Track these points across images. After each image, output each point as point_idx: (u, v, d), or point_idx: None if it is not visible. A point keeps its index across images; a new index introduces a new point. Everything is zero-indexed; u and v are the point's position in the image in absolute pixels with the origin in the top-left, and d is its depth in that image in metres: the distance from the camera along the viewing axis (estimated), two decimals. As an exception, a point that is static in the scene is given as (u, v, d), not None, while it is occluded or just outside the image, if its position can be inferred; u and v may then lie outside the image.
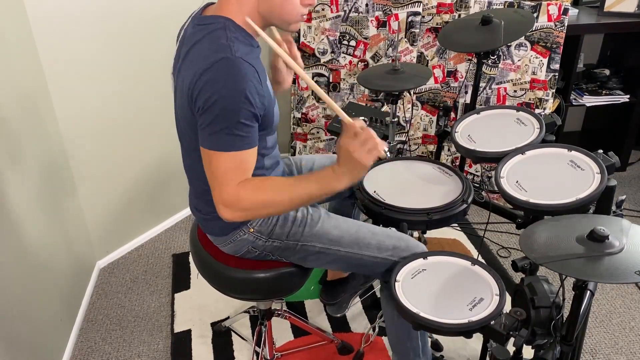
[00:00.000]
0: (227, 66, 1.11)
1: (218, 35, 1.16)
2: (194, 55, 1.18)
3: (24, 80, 1.76)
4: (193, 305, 2.10)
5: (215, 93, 1.11)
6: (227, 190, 1.17)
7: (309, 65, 2.65)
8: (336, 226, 1.42)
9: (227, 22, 1.18)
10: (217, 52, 1.13)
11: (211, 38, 1.16)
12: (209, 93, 1.11)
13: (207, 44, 1.16)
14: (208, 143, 1.16)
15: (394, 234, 1.43)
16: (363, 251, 1.40)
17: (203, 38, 1.18)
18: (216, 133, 1.13)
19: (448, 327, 1.15)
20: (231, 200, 1.18)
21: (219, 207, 1.19)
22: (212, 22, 1.19)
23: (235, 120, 1.12)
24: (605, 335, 1.94)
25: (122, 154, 2.24)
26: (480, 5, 2.41)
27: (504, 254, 2.36)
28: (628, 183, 2.88)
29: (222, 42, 1.14)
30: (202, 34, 1.19)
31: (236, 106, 1.12)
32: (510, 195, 1.38)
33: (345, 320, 2.01)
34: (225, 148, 1.15)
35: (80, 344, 1.95)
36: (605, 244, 1.03)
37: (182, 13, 1.43)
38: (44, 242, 1.80)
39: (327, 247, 1.40)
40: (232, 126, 1.13)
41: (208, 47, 1.16)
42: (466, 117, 1.76)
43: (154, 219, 2.53)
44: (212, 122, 1.13)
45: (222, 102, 1.11)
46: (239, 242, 1.39)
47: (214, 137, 1.14)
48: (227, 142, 1.14)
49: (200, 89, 1.12)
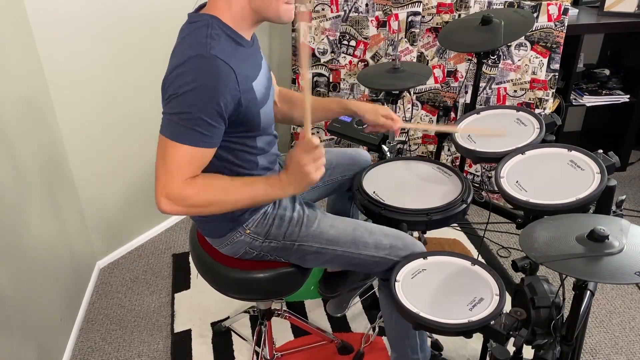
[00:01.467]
0: (200, 63, 1.11)
1: (198, 32, 1.16)
2: (175, 51, 1.19)
3: (24, 81, 1.76)
4: (193, 305, 2.10)
5: (184, 86, 1.10)
6: (174, 184, 1.16)
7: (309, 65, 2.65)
8: (333, 225, 1.42)
9: (212, 20, 1.18)
10: (192, 49, 1.13)
11: (192, 35, 1.17)
12: (177, 85, 1.11)
13: (188, 41, 1.17)
14: (167, 130, 1.14)
15: (391, 233, 1.43)
16: (360, 250, 1.40)
17: (187, 35, 1.19)
18: (177, 123, 1.13)
19: (448, 327, 1.15)
20: (175, 195, 1.16)
21: (159, 198, 1.16)
22: (198, 20, 1.19)
23: (197, 116, 1.12)
24: (605, 335, 1.94)
25: (122, 153, 2.24)
26: (480, 5, 2.41)
27: (504, 254, 2.36)
28: (628, 183, 2.88)
29: (200, 40, 1.14)
30: (187, 31, 1.20)
31: (202, 103, 1.11)
32: (510, 195, 1.38)
33: (345, 320, 2.01)
34: (183, 140, 1.13)
35: (80, 344, 1.95)
36: (605, 244, 1.03)
37: (181, 13, 1.43)
38: (44, 242, 1.80)
39: (324, 246, 1.40)
40: (194, 121, 1.12)
41: (188, 44, 1.16)
42: (466, 117, 1.76)
43: (154, 219, 2.53)
44: (175, 112, 1.12)
45: (188, 96, 1.11)
46: (236, 244, 1.39)
47: (174, 126, 1.13)
48: (185, 135, 1.13)
49: (170, 82, 1.13)
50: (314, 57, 2.63)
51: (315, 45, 2.61)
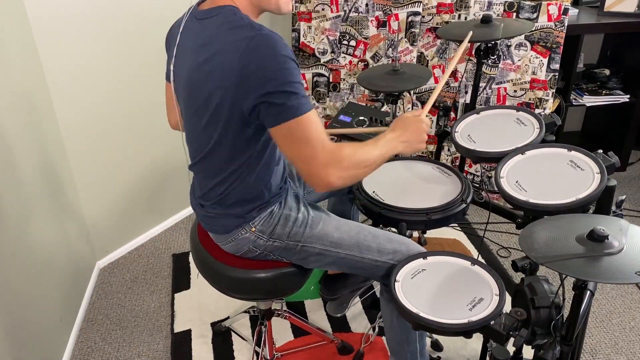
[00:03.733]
0: (265, 41, 1.11)
1: (233, 20, 1.16)
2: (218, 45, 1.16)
3: (24, 81, 1.76)
4: (193, 305, 2.10)
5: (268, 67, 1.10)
6: (327, 149, 1.16)
7: (309, 65, 2.65)
8: (337, 228, 1.42)
9: (233, 9, 1.18)
10: (245, 32, 1.12)
11: (229, 25, 1.16)
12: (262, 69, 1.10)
13: (229, 32, 1.15)
14: (289, 114, 1.13)
15: (395, 238, 1.43)
16: (363, 254, 1.40)
17: (218, 28, 1.17)
18: (293, 100, 1.12)
19: (448, 327, 1.15)
20: (334, 158, 1.17)
21: (325, 173, 1.16)
22: (218, 13, 1.19)
23: (296, 82, 1.13)
24: (605, 335, 1.94)
25: (122, 153, 2.24)
26: (480, 5, 2.41)
27: (504, 254, 2.36)
28: (628, 183, 2.88)
29: (243, 23, 1.14)
30: (214, 25, 1.18)
31: (292, 72, 1.12)
32: (510, 195, 1.37)
33: (345, 320, 2.01)
34: (307, 109, 1.14)
35: (80, 344, 1.95)
36: (604, 244, 1.03)
37: (182, 13, 1.43)
38: (44, 242, 1.80)
39: (327, 248, 1.40)
40: (298, 89, 1.13)
41: (232, 34, 1.14)
42: (466, 117, 1.76)
43: (154, 219, 2.53)
44: (281, 91, 1.11)
45: (281, 75, 1.10)
46: (240, 241, 1.39)
47: (295, 104, 1.12)
48: (305, 104, 1.14)
49: (248, 69, 1.11)
50: (314, 57, 2.63)
51: (315, 45, 2.61)
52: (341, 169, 1.19)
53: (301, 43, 2.60)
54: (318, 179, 1.18)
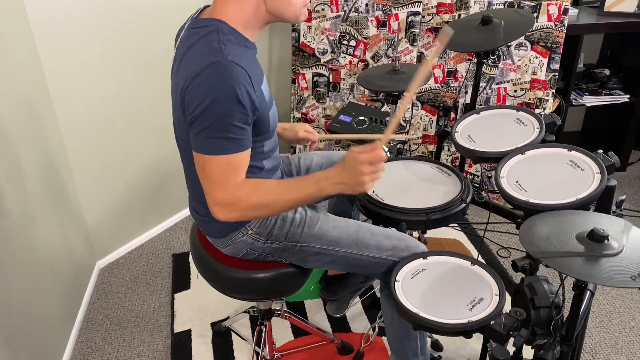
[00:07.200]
0: (219, 70, 1.11)
1: (210, 38, 1.16)
2: (187, 58, 1.18)
3: (24, 81, 1.76)
4: (193, 305, 2.10)
5: (207, 97, 1.11)
6: (223, 192, 1.18)
7: (309, 66, 2.65)
8: (335, 227, 1.42)
9: (221, 25, 1.18)
10: (208, 55, 1.13)
11: (204, 41, 1.16)
12: (201, 97, 1.11)
13: (199, 48, 1.16)
14: (201, 147, 1.16)
15: (393, 234, 1.43)
16: (362, 252, 1.40)
17: (197, 41, 1.18)
18: (209, 138, 1.14)
19: (448, 327, 1.15)
20: (227, 201, 1.19)
21: (213, 208, 1.20)
22: (205, 25, 1.19)
23: (229, 123, 1.13)
24: (605, 335, 1.94)
25: (122, 154, 2.24)
26: (480, 5, 2.41)
27: (504, 254, 2.36)
28: (628, 183, 2.88)
29: (214, 46, 1.14)
30: (196, 37, 1.19)
31: (228, 109, 1.11)
32: (510, 195, 1.38)
33: (345, 320, 2.01)
34: (219, 151, 1.15)
35: (80, 344, 1.95)
36: (604, 244, 1.03)
37: (181, 13, 1.44)
38: (44, 242, 1.80)
39: (326, 247, 1.40)
40: (226, 128, 1.13)
41: (200, 51, 1.16)
42: (466, 117, 1.76)
43: (154, 219, 2.53)
44: (205, 127, 1.13)
45: (214, 107, 1.11)
46: (238, 244, 1.39)
47: (207, 142, 1.15)
48: (220, 146, 1.14)
49: (192, 93, 1.13)
50: (314, 57, 2.63)
51: (315, 45, 2.61)
52: (230, 210, 1.20)
53: (301, 43, 2.60)
54: (211, 210, 1.22)
